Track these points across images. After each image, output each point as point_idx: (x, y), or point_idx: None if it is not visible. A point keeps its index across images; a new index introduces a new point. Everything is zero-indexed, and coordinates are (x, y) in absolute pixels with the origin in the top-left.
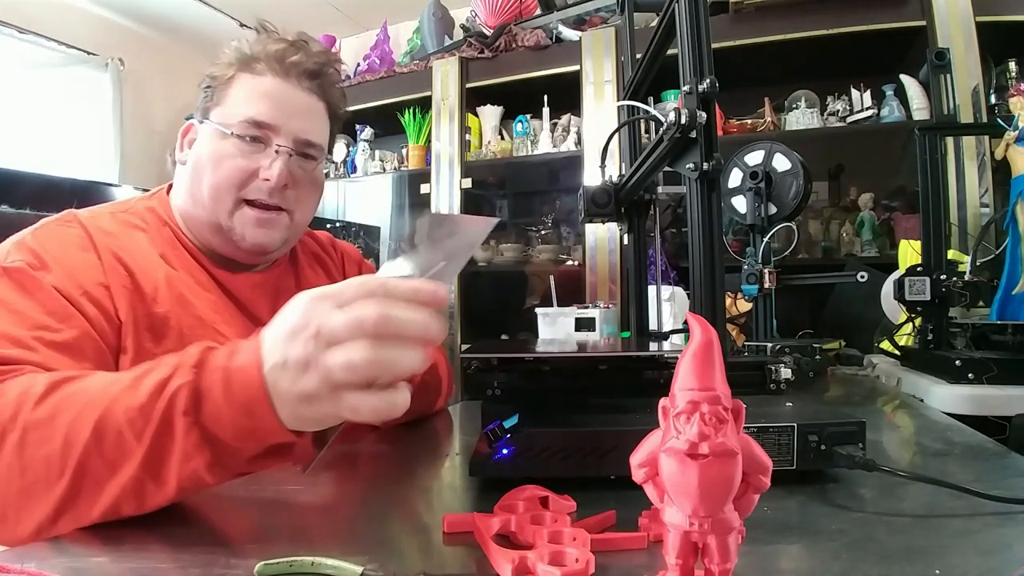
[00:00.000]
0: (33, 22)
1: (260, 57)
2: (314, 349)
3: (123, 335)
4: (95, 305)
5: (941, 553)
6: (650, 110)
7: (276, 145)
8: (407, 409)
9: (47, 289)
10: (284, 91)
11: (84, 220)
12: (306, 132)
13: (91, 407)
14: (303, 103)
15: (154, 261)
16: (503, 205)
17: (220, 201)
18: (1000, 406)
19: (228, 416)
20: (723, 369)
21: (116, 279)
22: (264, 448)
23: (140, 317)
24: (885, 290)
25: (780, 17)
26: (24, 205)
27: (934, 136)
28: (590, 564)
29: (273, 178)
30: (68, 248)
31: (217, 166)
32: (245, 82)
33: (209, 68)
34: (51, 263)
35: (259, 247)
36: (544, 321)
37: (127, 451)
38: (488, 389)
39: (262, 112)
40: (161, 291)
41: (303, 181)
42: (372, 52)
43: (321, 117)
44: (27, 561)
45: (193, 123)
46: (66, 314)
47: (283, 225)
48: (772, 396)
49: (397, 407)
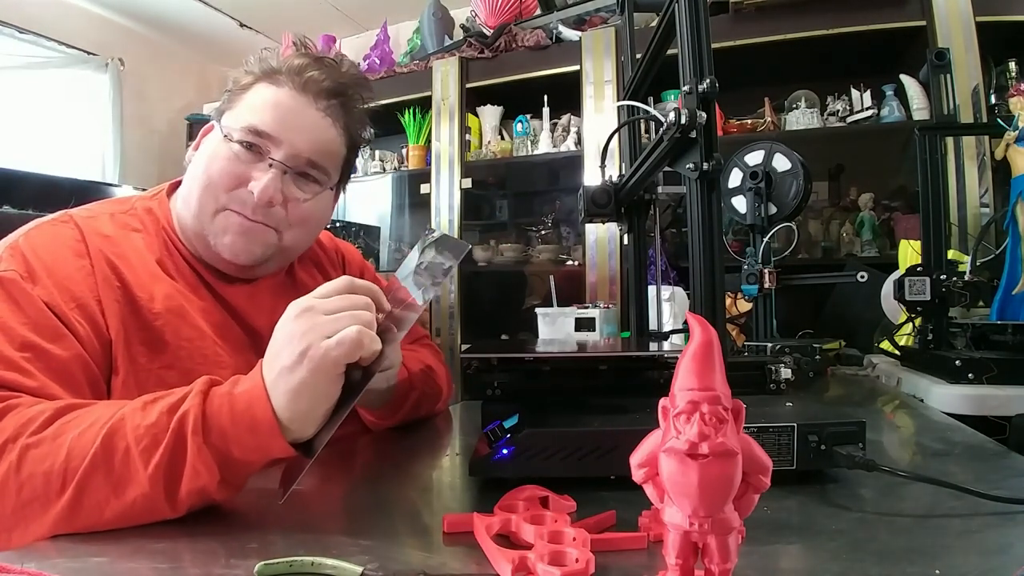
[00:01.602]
0: (33, 22)
1: (282, 69)
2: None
3: (114, 354)
4: (86, 320)
5: (941, 553)
6: (650, 110)
7: (270, 159)
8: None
9: (37, 304)
10: (295, 105)
11: (81, 222)
12: (308, 151)
13: (97, 425)
14: (312, 121)
15: (151, 268)
16: (503, 205)
17: (205, 203)
18: (1000, 406)
19: (234, 434)
20: (723, 369)
21: (108, 292)
22: (268, 462)
23: (132, 331)
24: (885, 290)
25: (780, 17)
26: (26, 206)
27: (934, 136)
28: (590, 564)
29: (256, 192)
30: (62, 254)
31: (209, 167)
32: (260, 91)
33: (234, 72)
34: (42, 273)
35: (234, 256)
36: (544, 321)
37: (133, 470)
38: (488, 389)
39: (264, 121)
40: (157, 301)
41: (298, 203)
42: (372, 52)
43: (331, 139)
44: (27, 561)
45: (213, 123)
46: (56, 334)
47: (265, 242)
48: (772, 396)
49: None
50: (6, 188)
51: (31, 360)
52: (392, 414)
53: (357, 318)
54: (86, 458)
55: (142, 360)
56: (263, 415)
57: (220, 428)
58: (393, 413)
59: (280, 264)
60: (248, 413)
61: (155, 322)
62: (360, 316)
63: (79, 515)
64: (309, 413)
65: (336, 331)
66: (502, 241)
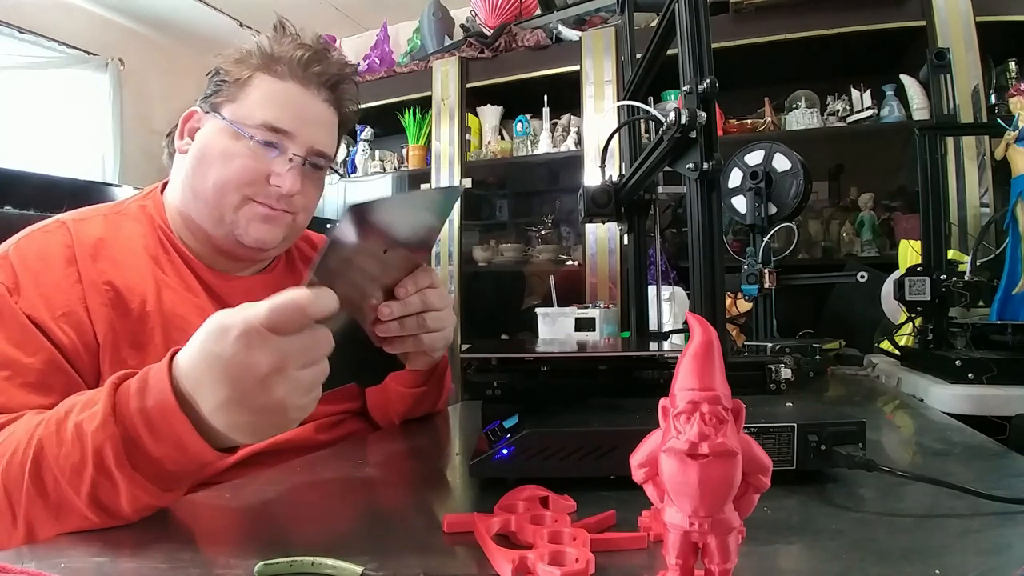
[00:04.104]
0: (33, 22)
1: (283, 60)
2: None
3: (101, 358)
4: (72, 328)
5: (941, 553)
6: (650, 110)
7: (291, 154)
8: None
9: (19, 318)
10: (304, 99)
11: (73, 226)
12: (320, 143)
13: (19, 455)
14: (320, 113)
15: (143, 268)
16: (503, 205)
17: (225, 196)
18: (1000, 406)
19: (158, 451)
20: (723, 369)
21: (96, 296)
22: (203, 468)
23: (121, 335)
24: (885, 290)
25: (780, 17)
26: (27, 206)
27: (934, 136)
28: (590, 564)
29: (286, 187)
30: (50, 262)
31: (227, 163)
32: (265, 83)
33: (220, 59)
34: (29, 284)
35: (261, 243)
36: (544, 321)
37: (70, 500)
38: (488, 389)
39: (281, 119)
40: (149, 302)
41: (309, 187)
42: (372, 52)
43: (333, 128)
44: (27, 561)
45: (197, 111)
46: (36, 346)
47: (286, 224)
48: (772, 396)
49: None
50: (6, 188)
51: (10, 378)
52: (427, 380)
53: (323, 370)
54: (23, 493)
55: (132, 362)
56: (190, 441)
57: (145, 452)
58: (427, 379)
59: (290, 241)
60: (171, 435)
61: (146, 322)
62: (323, 366)
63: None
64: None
65: (309, 390)
66: (502, 241)
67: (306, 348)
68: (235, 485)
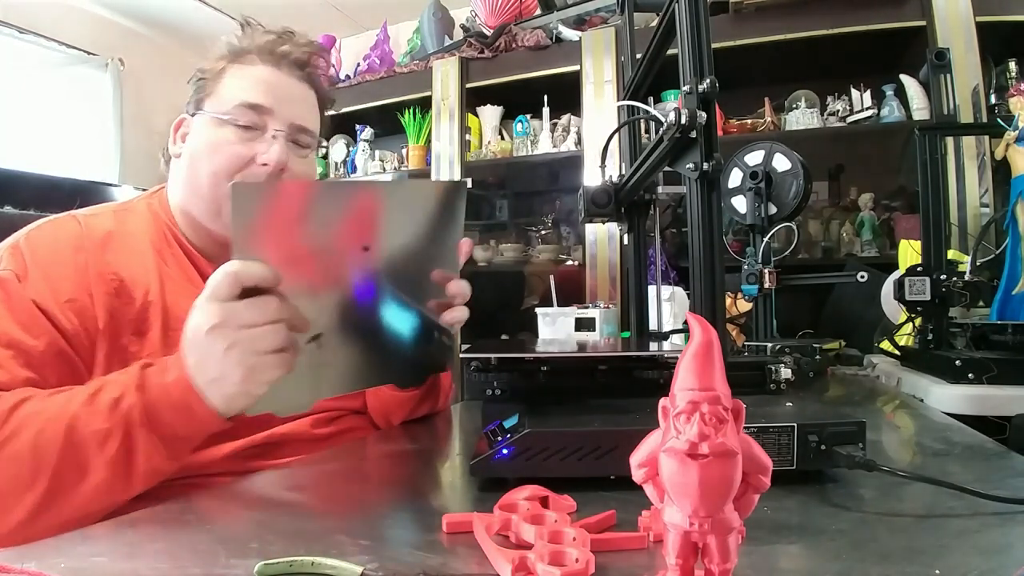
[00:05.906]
0: (33, 22)
1: (250, 49)
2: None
3: (98, 344)
4: (76, 315)
5: (941, 553)
6: (650, 110)
7: (273, 130)
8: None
9: (26, 303)
10: (277, 78)
11: (83, 219)
12: (300, 118)
13: (55, 424)
14: (296, 90)
15: (148, 258)
16: (503, 205)
17: (219, 186)
18: (1000, 406)
19: (173, 418)
20: (723, 369)
21: (101, 285)
22: (208, 433)
23: (123, 322)
24: (885, 290)
25: (780, 17)
26: (27, 206)
27: (934, 136)
28: (590, 564)
29: (272, 162)
30: (59, 252)
31: (214, 153)
32: (237, 71)
33: (199, 64)
34: (37, 272)
35: None
36: (544, 321)
37: (94, 461)
38: (488, 389)
39: (257, 96)
40: (152, 290)
41: (297, 168)
42: (372, 52)
43: (312, 105)
44: (27, 561)
45: (185, 117)
46: (40, 330)
47: None
48: (772, 396)
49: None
50: (7, 188)
51: (11, 356)
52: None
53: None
54: (54, 457)
55: (133, 348)
56: (199, 408)
57: (163, 417)
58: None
59: None
60: (184, 403)
61: (147, 312)
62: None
63: (55, 502)
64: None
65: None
66: (502, 241)
67: (245, 308)
68: (235, 485)
